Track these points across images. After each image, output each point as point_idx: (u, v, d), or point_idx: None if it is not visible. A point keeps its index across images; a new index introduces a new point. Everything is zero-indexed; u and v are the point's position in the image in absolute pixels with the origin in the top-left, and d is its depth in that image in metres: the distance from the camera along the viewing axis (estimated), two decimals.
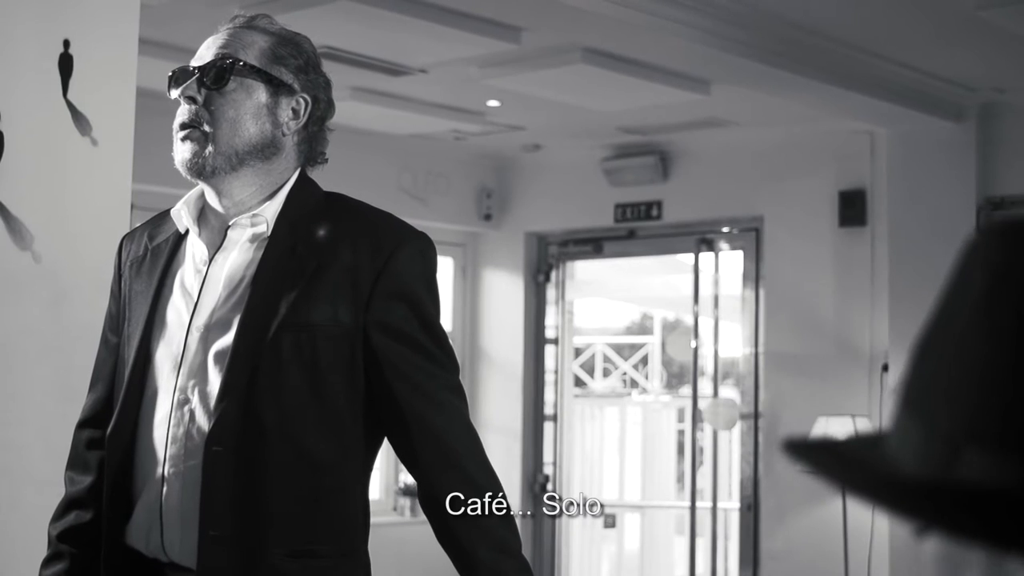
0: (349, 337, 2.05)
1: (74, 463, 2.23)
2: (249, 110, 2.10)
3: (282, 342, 2.03)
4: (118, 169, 3.00)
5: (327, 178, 2.22)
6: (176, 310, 2.11)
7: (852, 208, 6.65)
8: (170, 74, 2.16)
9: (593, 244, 7.80)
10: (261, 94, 2.10)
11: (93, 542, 2.14)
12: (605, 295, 9.56)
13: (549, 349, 7.94)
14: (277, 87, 2.11)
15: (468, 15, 4.94)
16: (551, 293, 7.96)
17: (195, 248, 2.14)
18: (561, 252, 7.91)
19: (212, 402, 2.03)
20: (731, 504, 7.41)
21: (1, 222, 2.82)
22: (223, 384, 2.02)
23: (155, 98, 2.61)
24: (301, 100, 2.14)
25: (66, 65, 2.90)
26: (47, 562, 2.18)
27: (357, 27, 4.97)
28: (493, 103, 6.44)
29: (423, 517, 2.15)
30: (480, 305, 8.09)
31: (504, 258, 8.00)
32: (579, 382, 9.71)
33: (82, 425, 2.24)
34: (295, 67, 2.14)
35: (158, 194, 4.95)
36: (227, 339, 2.05)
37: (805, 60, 5.35)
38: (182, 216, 2.14)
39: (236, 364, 2.02)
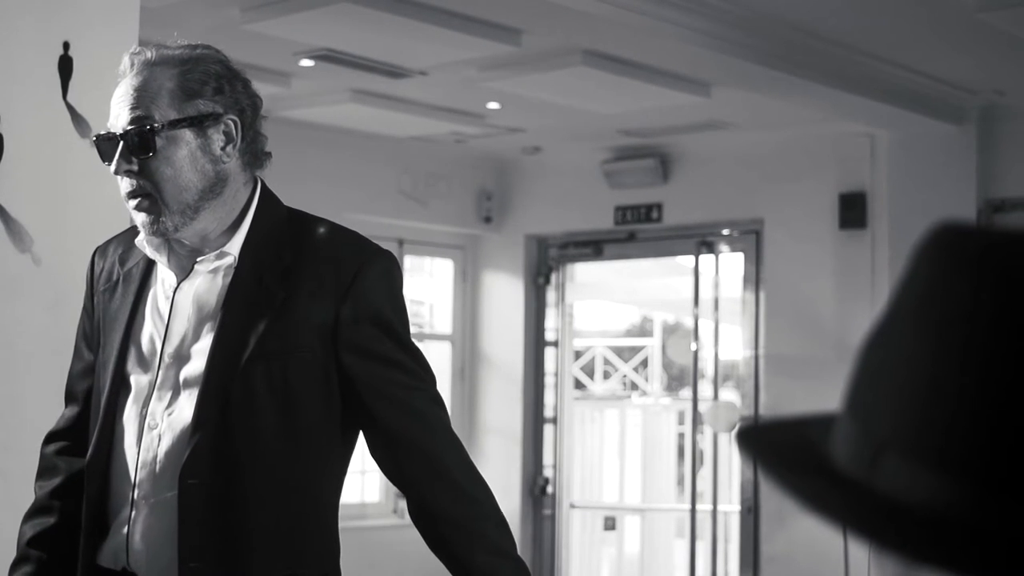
0: (321, 361, 2.06)
1: (42, 473, 2.26)
2: (184, 160, 2.06)
3: (253, 372, 2.04)
4: None
5: (327, 181, 2.22)
6: (148, 337, 2.12)
7: (852, 210, 6.65)
8: (94, 141, 2.10)
9: (593, 246, 7.80)
10: (190, 139, 2.06)
11: (59, 546, 2.17)
12: (605, 297, 9.56)
13: (549, 352, 7.94)
14: (201, 122, 2.07)
15: (468, 17, 4.94)
16: (551, 295, 7.96)
17: (164, 275, 2.15)
18: (561, 254, 7.91)
19: (182, 431, 2.05)
20: (731, 507, 7.41)
21: (1, 224, 2.81)
22: (196, 415, 2.03)
23: None
24: (229, 122, 2.09)
25: (66, 67, 2.90)
26: (15, 565, 2.21)
27: (357, 29, 4.96)
28: (493, 105, 6.44)
29: None
30: (480, 308, 8.08)
31: (504, 260, 7.99)
32: (579, 385, 9.71)
33: (51, 438, 2.27)
34: (211, 91, 2.08)
35: None
36: (196, 367, 2.06)
37: (805, 63, 5.35)
38: (146, 248, 2.13)
39: (208, 395, 2.03)
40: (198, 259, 2.10)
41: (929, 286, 0.74)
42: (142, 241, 2.13)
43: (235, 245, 2.10)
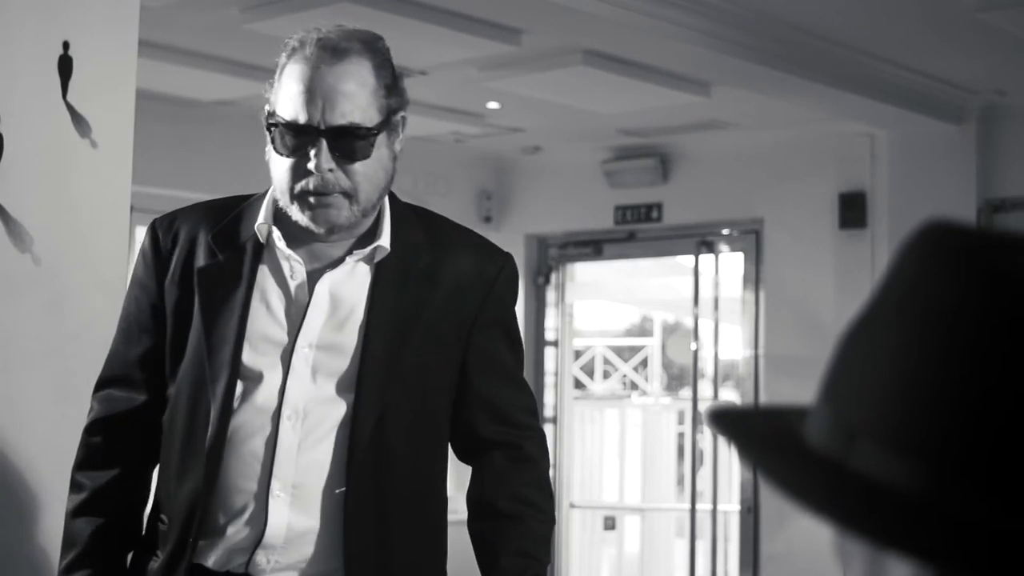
0: (454, 363, 2.09)
1: (93, 462, 2.12)
2: (380, 160, 2.02)
3: (405, 371, 2.03)
4: (118, 171, 3.00)
5: None
6: (274, 325, 2.04)
7: (852, 210, 6.64)
8: (281, 125, 1.98)
9: (593, 246, 7.80)
10: (384, 137, 2.03)
11: (116, 543, 2.11)
12: (605, 297, 9.56)
13: (549, 351, 7.93)
14: (393, 122, 2.05)
15: (468, 17, 4.94)
16: (551, 295, 7.96)
17: (291, 262, 2.05)
18: (561, 254, 7.91)
19: (329, 425, 2.01)
20: (731, 507, 7.41)
21: (1, 224, 2.81)
22: (358, 412, 2.00)
23: (155, 100, 2.60)
24: (399, 119, 2.08)
25: (66, 67, 2.90)
26: (78, 561, 2.09)
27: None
28: (493, 105, 6.44)
29: None
30: None
31: None
32: (579, 384, 9.71)
33: (106, 425, 2.11)
34: (395, 86, 2.06)
35: (158, 196, 4.94)
36: (343, 362, 2.02)
37: (805, 62, 5.35)
38: (278, 240, 2.04)
39: (368, 393, 2.00)
40: (353, 251, 2.05)
41: (916, 280, 0.75)
42: (263, 227, 2.05)
43: (386, 238, 2.06)
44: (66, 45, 2.90)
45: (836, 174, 6.75)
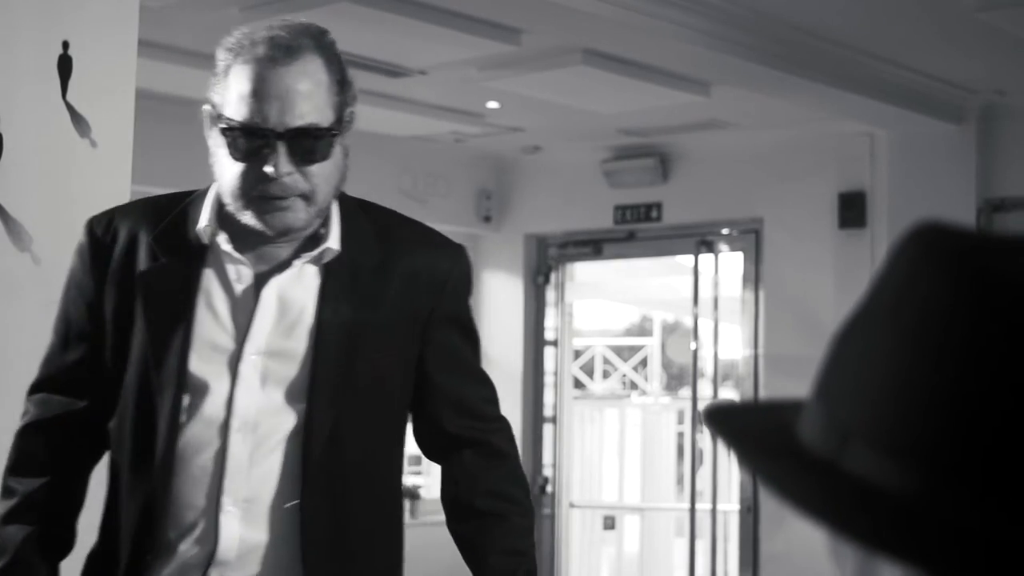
0: (409, 362, 2.04)
1: (26, 467, 2.05)
2: (336, 160, 1.96)
3: (359, 374, 1.97)
4: (117, 171, 3.00)
5: None
6: (220, 331, 1.96)
7: (852, 210, 6.65)
8: (234, 128, 1.90)
9: (593, 246, 7.80)
10: (338, 138, 1.97)
11: (47, 552, 2.03)
12: (605, 297, 9.55)
13: (548, 351, 7.93)
14: (345, 119, 1.99)
15: (468, 17, 4.94)
16: (551, 295, 7.95)
17: (237, 266, 1.97)
18: (561, 254, 7.91)
19: (282, 434, 1.94)
20: (731, 506, 7.41)
21: (0, 224, 2.81)
22: (312, 421, 1.93)
23: (154, 100, 2.60)
24: (350, 115, 2.01)
25: (65, 67, 2.90)
26: (5, 572, 2.01)
27: (357, 29, 4.96)
28: (493, 105, 6.44)
29: (422, 519, 2.16)
30: (479, 307, 8.08)
31: (504, 260, 7.99)
32: (579, 384, 9.71)
33: (40, 429, 2.05)
34: (347, 80, 2.00)
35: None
36: (292, 369, 1.95)
37: (805, 62, 5.35)
38: (223, 243, 1.96)
39: (321, 401, 1.94)
40: (301, 254, 1.98)
41: (910, 281, 0.75)
42: (208, 231, 1.97)
43: (334, 239, 1.99)
44: (66, 45, 2.90)
45: (836, 174, 6.75)
